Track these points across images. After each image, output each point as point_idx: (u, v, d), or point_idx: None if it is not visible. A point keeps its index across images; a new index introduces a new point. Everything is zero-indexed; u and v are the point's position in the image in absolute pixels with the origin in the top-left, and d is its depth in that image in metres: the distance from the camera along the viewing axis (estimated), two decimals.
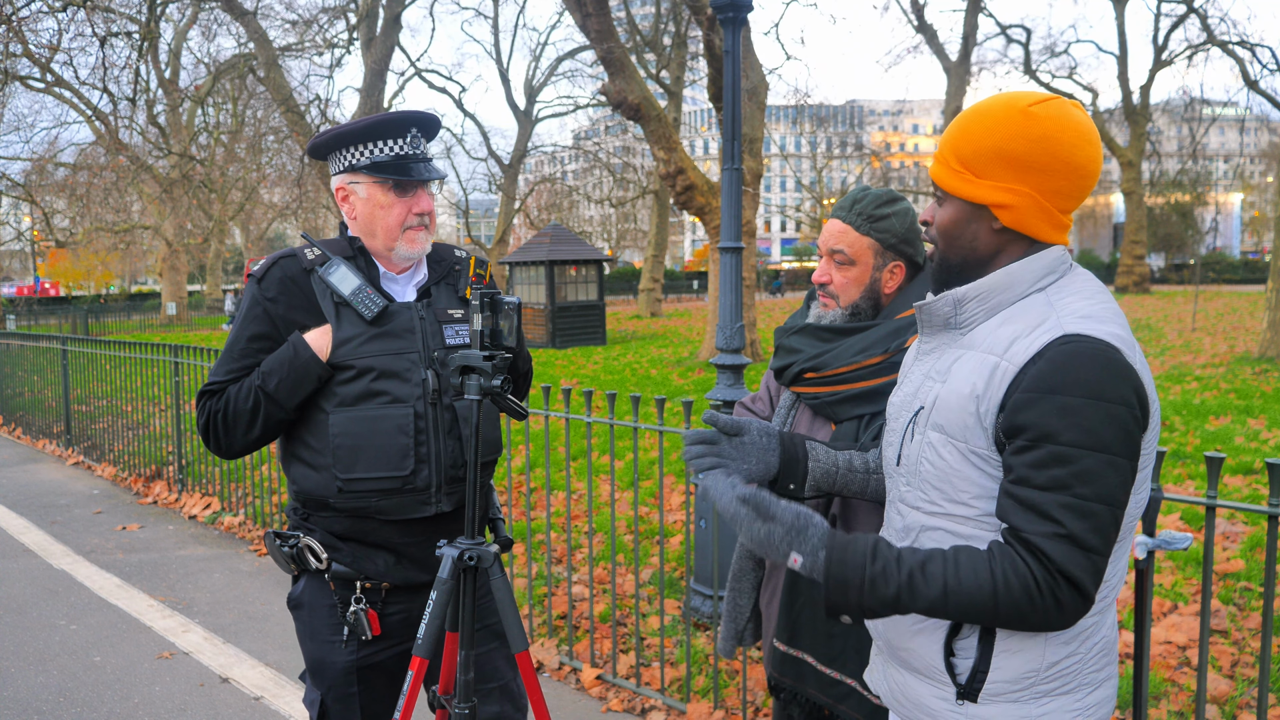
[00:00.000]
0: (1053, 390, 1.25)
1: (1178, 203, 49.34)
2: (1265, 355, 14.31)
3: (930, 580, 1.29)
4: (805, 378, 1.95)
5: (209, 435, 2.05)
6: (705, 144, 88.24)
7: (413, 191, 2.05)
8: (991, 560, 1.28)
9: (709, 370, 14.85)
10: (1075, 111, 1.36)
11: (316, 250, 2.06)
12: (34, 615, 4.72)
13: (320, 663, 2.10)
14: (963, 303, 1.41)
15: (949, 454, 1.37)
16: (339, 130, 2.02)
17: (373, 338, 2.00)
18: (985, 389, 1.32)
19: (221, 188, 32.97)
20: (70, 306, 39.31)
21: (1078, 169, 1.35)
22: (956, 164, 1.40)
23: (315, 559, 2.06)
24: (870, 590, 1.31)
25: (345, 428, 1.98)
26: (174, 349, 7.20)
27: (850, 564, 1.32)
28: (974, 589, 1.27)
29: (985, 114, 1.38)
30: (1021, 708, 1.38)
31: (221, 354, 2.08)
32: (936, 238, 1.46)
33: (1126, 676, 3.68)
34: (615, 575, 4.51)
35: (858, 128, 68.94)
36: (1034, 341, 1.30)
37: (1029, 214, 1.37)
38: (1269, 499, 2.15)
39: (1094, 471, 1.24)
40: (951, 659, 1.41)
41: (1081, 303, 1.34)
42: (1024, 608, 1.26)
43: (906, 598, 1.30)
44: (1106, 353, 1.26)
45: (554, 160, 54.30)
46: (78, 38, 23.54)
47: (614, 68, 13.11)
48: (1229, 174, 63.35)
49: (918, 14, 30.98)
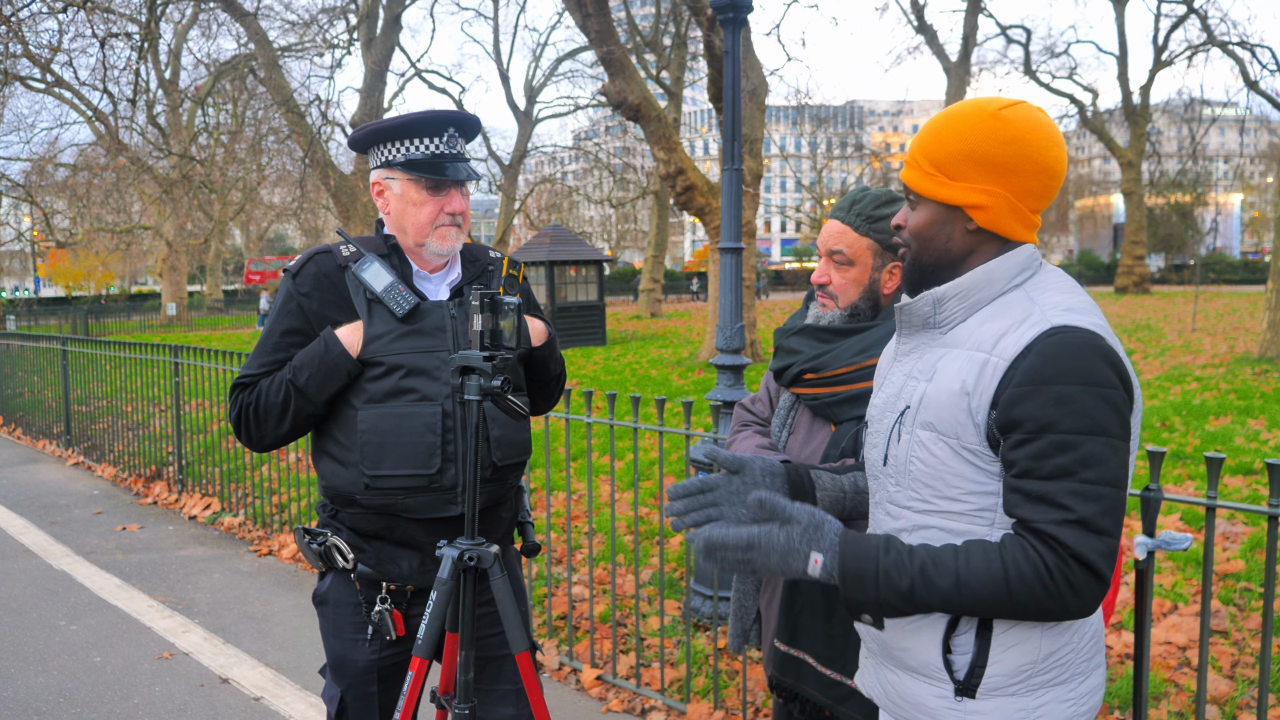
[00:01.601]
0: (1047, 381, 1.28)
1: (1178, 203, 49.29)
2: (1265, 355, 14.31)
3: (943, 570, 1.31)
4: (805, 379, 1.95)
5: (240, 427, 2.07)
6: (705, 144, 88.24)
7: (446, 190, 2.05)
8: (1003, 550, 1.30)
9: (709, 370, 14.85)
10: (1041, 115, 1.41)
11: (351, 247, 2.07)
12: (34, 615, 4.72)
13: (342, 660, 2.11)
14: (942, 302, 1.44)
15: (940, 451, 1.38)
16: (378, 125, 2.03)
17: (403, 335, 2.01)
18: (976, 385, 1.34)
19: (221, 188, 32.96)
20: (70, 307, 39.32)
21: (1047, 169, 1.40)
22: (930, 168, 1.43)
23: (342, 558, 2.07)
24: (885, 582, 1.33)
25: (373, 424, 1.99)
26: (174, 349, 7.20)
27: (865, 556, 1.35)
28: (987, 578, 1.29)
29: (956, 118, 1.42)
30: (1019, 700, 1.39)
31: (255, 347, 2.10)
32: (910, 240, 1.48)
33: (1126, 676, 3.68)
34: (615, 576, 4.51)
35: (858, 128, 68.92)
36: (1022, 336, 1.33)
37: (1002, 214, 1.40)
38: (1269, 499, 2.15)
39: (1097, 455, 1.27)
40: (949, 656, 1.41)
41: (1060, 296, 1.38)
42: (1039, 594, 1.27)
43: (921, 589, 1.32)
44: (1093, 341, 1.30)
45: (554, 161, 54.34)
46: (78, 38, 23.55)
47: (614, 68, 13.11)
48: (1229, 174, 63.34)
49: (918, 15, 30.98)
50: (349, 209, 19.23)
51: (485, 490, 2.08)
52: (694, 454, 4.02)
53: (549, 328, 2.28)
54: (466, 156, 2.11)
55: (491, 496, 2.12)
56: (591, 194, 49.82)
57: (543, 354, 2.24)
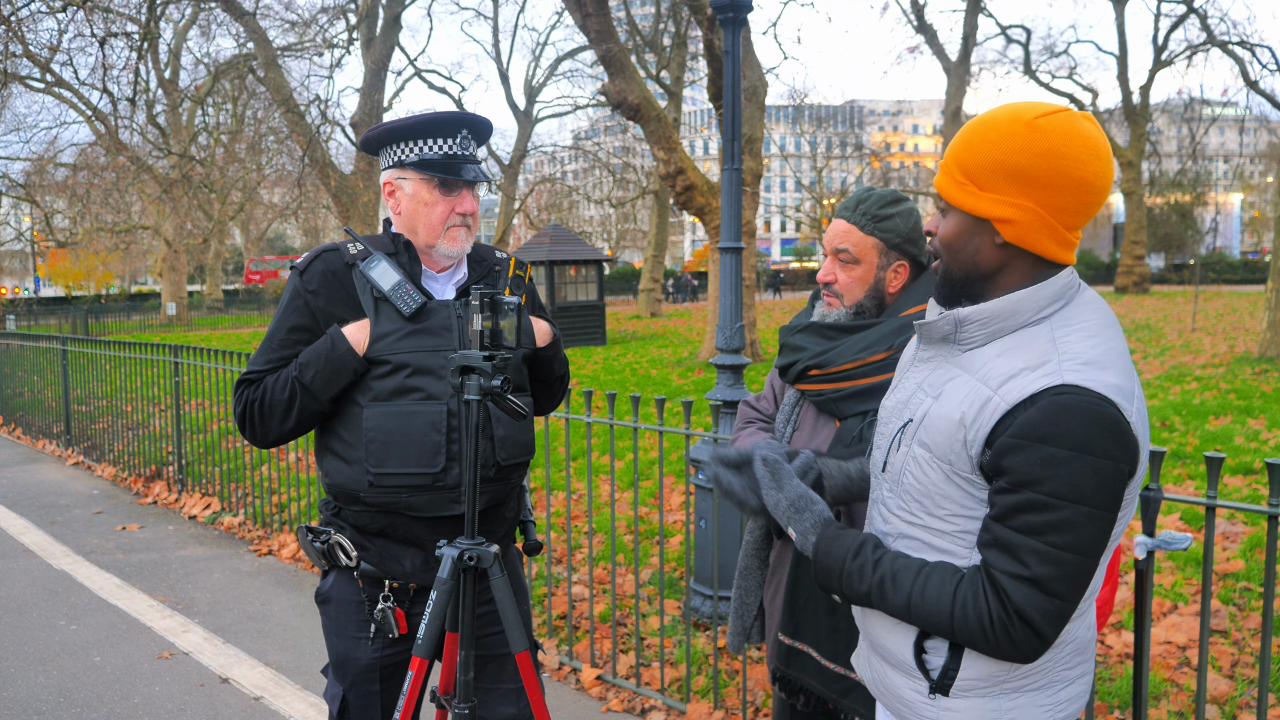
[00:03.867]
0: (1040, 440, 1.25)
1: (1178, 203, 49.33)
2: (1265, 355, 14.31)
3: (898, 590, 1.38)
4: (809, 375, 1.96)
5: (245, 424, 2.07)
6: (705, 144, 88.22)
7: (458, 191, 2.06)
8: (959, 586, 1.33)
9: (709, 370, 14.85)
10: (1084, 124, 1.31)
11: (359, 245, 2.08)
12: (34, 615, 4.71)
13: (345, 658, 2.12)
14: (964, 324, 1.39)
15: (933, 472, 1.38)
16: (391, 125, 2.04)
17: (409, 334, 2.01)
18: (974, 419, 1.32)
19: (221, 188, 32.96)
20: (70, 306, 39.31)
21: (1084, 184, 1.31)
22: (960, 175, 1.37)
23: (345, 556, 2.08)
24: (847, 582, 1.44)
25: (378, 422, 1.99)
26: (174, 349, 7.20)
27: (834, 554, 1.46)
28: (935, 608, 1.34)
29: (990, 125, 1.34)
30: (991, 702, 1.40)
31: (261, 344, 2.10)
32: (940, 250, 1.42)
33: (1126, 676, 3.68)
34: (615, 575, 4.51)
35: (857, 128, 68.90)
36: (1030, 384, 1.28)
37: (1032, 230, 1.33)
38: (1269, 499, 2.15)
39: (1070, 522, 1.25)
40: (923, 655, 1.44)
41: (1084, 344, 1.30)
42: (978, 637, 1.31)
43: (876, 599, 1.41)
44: (1101, 408, 1.24)
45: (554, 160, 54.26)
46: (77, 38, 23.51)
47: (614, 68, 13.11)
48: (1229, 174, 63.36)
49: (918, 14, 31.01)
50: (349, 209, 19.24)
51: (489, 489, 2.09)
52: (694, 454, 4.01)
53: (554, 328, 2.29)
54: (478, 159, 2.12)
55: (495, 495, 2.12)
56: (591, 194, 49.81)
57: (547, 354, 2.25)
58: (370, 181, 19.92)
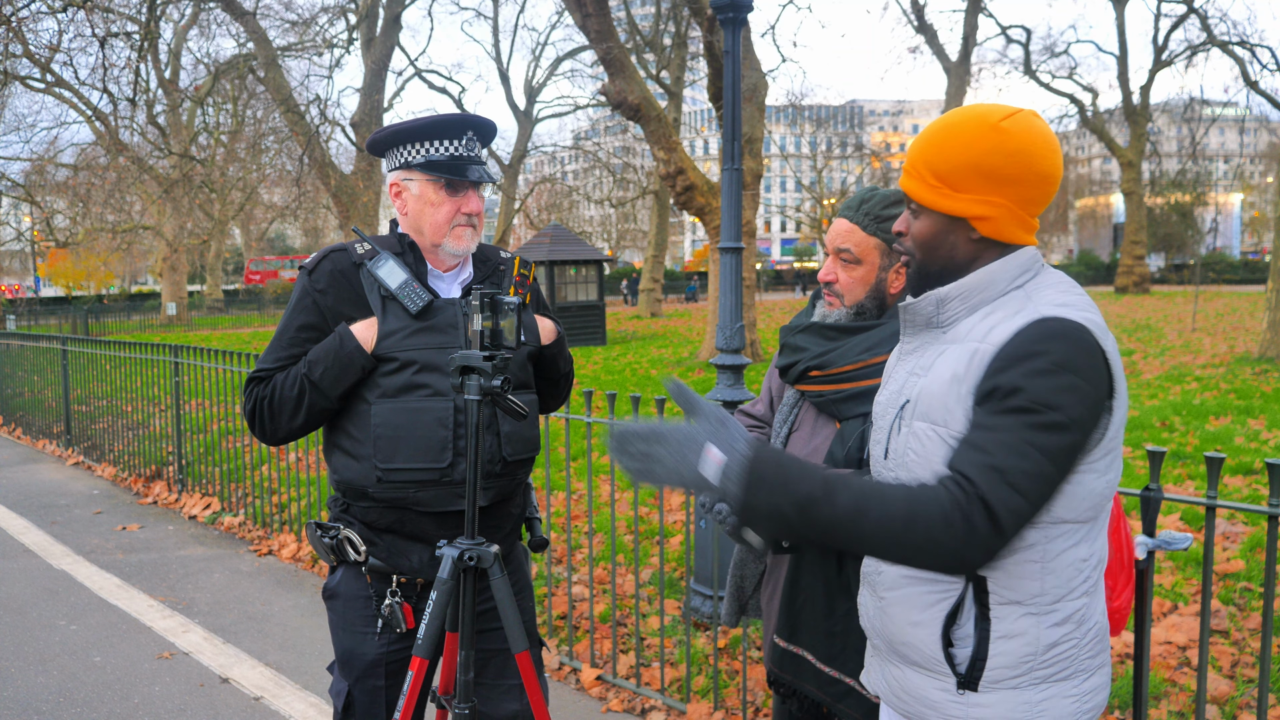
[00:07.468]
0: (1022, 358, 1.31)
1: (1178, 203, 49.32)
2: (1265, 355, 14.30)
3: (851, 490, 1.26)
4: (810, 376, 1.96)
5: (254, 421, 2.10)
6: (705, 144, 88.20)
7: (463, 191, 2.09)
8: (922, 485, 1.29)
9: (709, 370, 14.84)
10: (1040, 122, 1.43)
11: (367, 245, 2.11)
12: (34, 615, 4.72)
13: (351, 654, 2.13)
14: (945, 302, 1.47)
15: (931, 443, 1.41)
16: (397, 127, 2.07)
17: (416, 331, 2.04)
18: (965, 371, 1.37)
19: (221, 188, 32.97)
20: (70, 306, 39.31)
21: (1047, 177, 1.43)
22: (932, 179, 1.45)
23: (354, 551, 2.10)
24: (784, 486, 1.26)
25: (386, 419, 2.02)
26: (174, 349, 7.20)
27: (769, 460, 1.29)
28: (893, 509, 1.25)
29: (958, 129, 1.43)
30: (1021, 694, 1.40)
31: (270, 342, 2.13)
32: (914, 248, 1.50)
33: (1126, 676, 3.67)
34: (615, 575, 4.51)
35: (857, 128, 68.86)
36: (1011, 326, 1.36)
37: (1005, 223, 1.43)
38: (1269, 499, 2.15)
39: (1042, 425, 1.28)
40: (950, 649, 1.43)
41: (1058, 294, 1.40)
42: (936, 528, 1.23)
43: (822, 499, 1.25)
44: (1078, 332, 1.32)
45: (554, 160, 54.30)
46: (78, 38, 23.56)
47: (614, 68, 13.11)
48: (1229, 174, 63.31)
49: (918, 14, 30.99)
50: (349, 209, 19.24)
51: (495, 485, 2.10)
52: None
53: (558, 327, 2.32)
54: (483, 160, 2.15)
55: (501, 491, 2.14)
56: (591, 194, 49.80)
57: (552, 352, 2.29)
58: (370, 181, 19.93)
